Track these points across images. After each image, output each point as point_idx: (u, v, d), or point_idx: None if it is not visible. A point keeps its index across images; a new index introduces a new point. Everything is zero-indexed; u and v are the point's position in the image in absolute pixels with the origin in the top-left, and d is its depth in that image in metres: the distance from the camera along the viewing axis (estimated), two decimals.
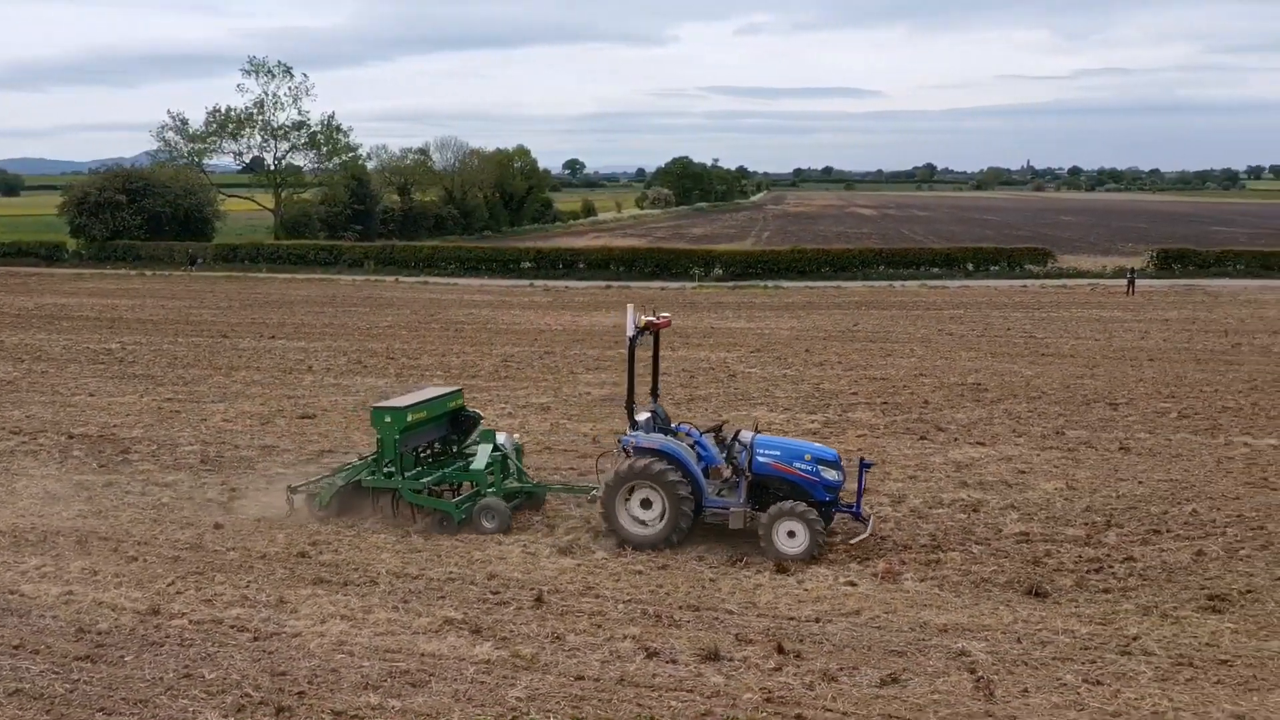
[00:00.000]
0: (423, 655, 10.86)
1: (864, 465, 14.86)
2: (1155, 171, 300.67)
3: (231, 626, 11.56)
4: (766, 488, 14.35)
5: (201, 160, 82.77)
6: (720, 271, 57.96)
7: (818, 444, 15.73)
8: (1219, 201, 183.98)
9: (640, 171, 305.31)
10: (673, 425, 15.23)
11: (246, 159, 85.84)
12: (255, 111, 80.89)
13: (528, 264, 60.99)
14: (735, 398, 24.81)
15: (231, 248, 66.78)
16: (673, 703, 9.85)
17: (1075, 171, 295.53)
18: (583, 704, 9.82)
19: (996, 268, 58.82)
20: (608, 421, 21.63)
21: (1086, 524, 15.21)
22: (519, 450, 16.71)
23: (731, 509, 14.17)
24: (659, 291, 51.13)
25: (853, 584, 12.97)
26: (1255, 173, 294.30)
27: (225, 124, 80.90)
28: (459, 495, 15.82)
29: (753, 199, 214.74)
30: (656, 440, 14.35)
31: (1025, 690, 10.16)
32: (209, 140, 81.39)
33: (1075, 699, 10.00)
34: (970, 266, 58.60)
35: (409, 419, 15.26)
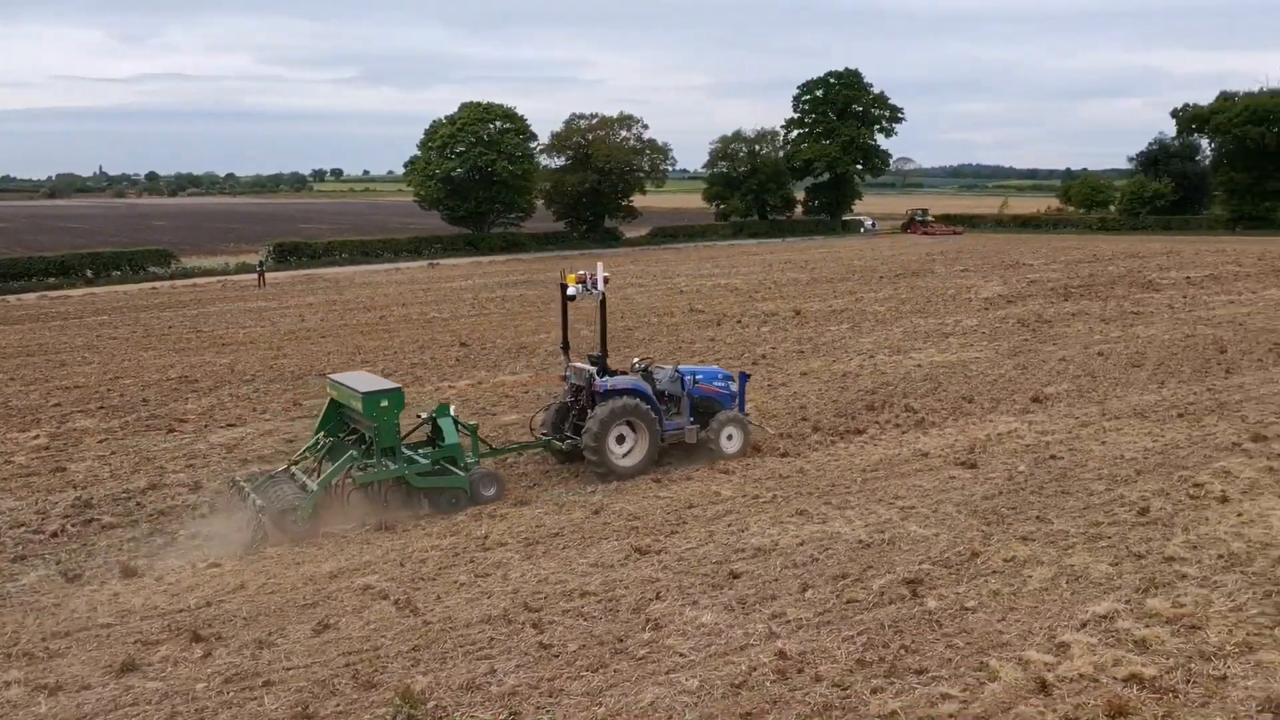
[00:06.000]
0: None
1: (744, 377, 17.74)
2: (231, 175, 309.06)
3: None
4: (696, 407, 16.76)
5: None
6: None
7: (712, 366, 19.49)
8: (294, 201, 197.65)
9: None
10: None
11: None
12: None
13: None
14: None
15: None
16: None
17: (154, 176, 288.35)
18: None
19: (119, 272, 56.27)
20: None
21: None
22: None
23: (686, 428, 16.48)
24: None
25: (217, 565, 12.58)
26: (320, 175, 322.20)
27: None
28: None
29: None
30: (627, 381, 15.99)
31: (439, 597, 11.30)
32: None
33: (481, 589, 11.47)
34: (90, 273, 55.10)
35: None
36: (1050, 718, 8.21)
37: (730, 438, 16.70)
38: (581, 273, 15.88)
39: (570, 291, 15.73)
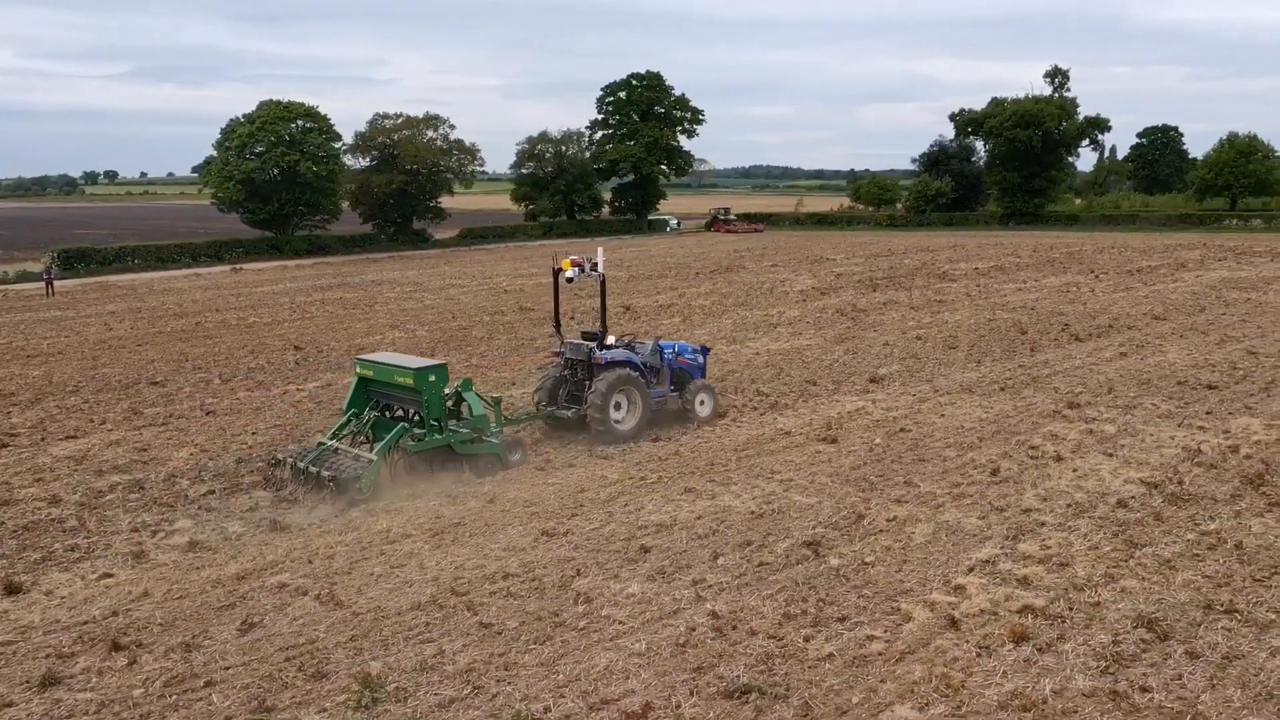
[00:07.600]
0: None
1: (705, 350, 19.72)
2: None
3: None
4: (673, 377, 18.57)
5: None
6: None
7: (682, 341, 20.70)
8: (66, 205, 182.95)
9: None
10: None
11: None
12: None
13: None
14: None
15: None
16: None
17: None
18: None
19: None
20: None
21: (260, 471, 16.35)
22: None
23: (669, 396, 18.35)
24: None
25: (110, 575, 12.14)
26: (92, 178, 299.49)
27: None
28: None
29: None
30: (622, 354, 17.56)
31: (360, 589, 11.35)
32: None
33: (400, 579, 11.61)
34: None
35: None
36: (966, 646, 9.24)
37: (703, 403, 18.68)
38: (576, 258, 17.00)
39: (568, 275, 16.97)
